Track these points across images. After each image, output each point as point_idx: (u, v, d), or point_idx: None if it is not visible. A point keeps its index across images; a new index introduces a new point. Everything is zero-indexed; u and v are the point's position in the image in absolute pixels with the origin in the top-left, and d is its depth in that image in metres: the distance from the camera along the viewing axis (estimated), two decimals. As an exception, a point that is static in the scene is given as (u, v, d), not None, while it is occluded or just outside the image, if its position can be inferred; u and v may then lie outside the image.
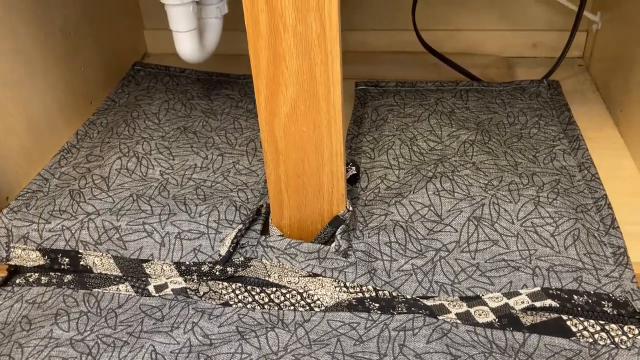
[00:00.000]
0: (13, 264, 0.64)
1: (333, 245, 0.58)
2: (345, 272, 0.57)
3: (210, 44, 0.77)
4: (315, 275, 0.57)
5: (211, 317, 0.56)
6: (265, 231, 0.62)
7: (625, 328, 0.51)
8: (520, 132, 0.74)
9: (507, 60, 0.96)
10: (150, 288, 0.59)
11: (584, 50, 0.95)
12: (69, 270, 0.63)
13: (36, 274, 0.63)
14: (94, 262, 0.62)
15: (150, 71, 0.93)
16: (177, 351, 0.52)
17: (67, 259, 0.63)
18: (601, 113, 0.81)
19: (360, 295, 0.56)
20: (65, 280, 0.61)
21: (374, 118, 0.78)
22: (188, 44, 0.73)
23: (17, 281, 0.63)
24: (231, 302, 0.57)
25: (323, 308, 0.56)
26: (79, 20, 0.83)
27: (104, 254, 0.62)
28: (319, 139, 0.54)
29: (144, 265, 0.61)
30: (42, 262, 0.63)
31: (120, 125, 0.79)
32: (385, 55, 0.99)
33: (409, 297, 0.56)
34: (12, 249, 0.64)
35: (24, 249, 0.64)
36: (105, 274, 0.62)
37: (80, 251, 0.63)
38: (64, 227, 0.64)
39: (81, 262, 0.62)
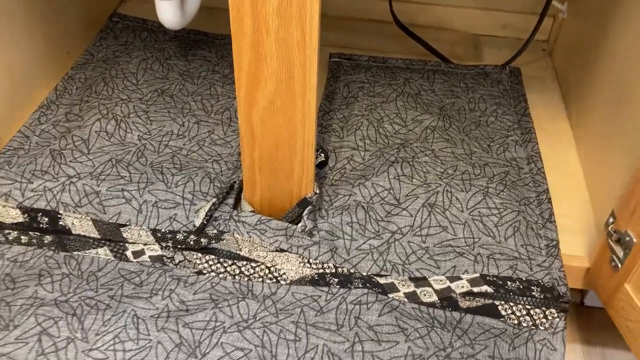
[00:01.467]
0: (-6, 220, 0.68)
1: (300, 225, 0.63)
2: (309, 249, 0.63)
3: (191, 10, 0.78)
4: (282, 250, 0.63)
5: (186, 284, 0.61)
6: (236, 205, 0.67)
7: (547, 312, 0.60)
8: (479, 119, 0.80)
9: (475, 38, 1.00)
10: (128, 253, 0.64)
11: (549, 35, 1.00)
12: (47, 230, 0.67)
13: (15, 232, 0.67)
14: (72, 223, 0.66)
15: (128, 24, 0.93)
16: (156, 316, 0.58)
17: (46, 219, 0.66)
18: (557, 103, 0.87)
19: (321, 270, 0.62)
20: (45, 242, 0.66)
21: (345, 94, 0.82)
22: (170, 12, 0.74)
23: (-1, 237, 0.67)
24: (204, 272, 0.63)
25: (288, 281, 0.62)
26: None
27: (83, 216, 0.66)
28: (293, 130, 0.58)
29: (122, 229, 0.66)
30: (21, 220, 0.67)
31: (98, 84, 0.81)
32: (358, 23, 1.01)
33: (364, 273, 0.62)
34: (-6, 206, 0.67)
35: (4, 206, 0.67)
36: (84, 236, 0.66)
37: (60, 212, 0.67)
38: (46, 189, 0.67)
39: (60, 222, 0.66)
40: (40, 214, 0.66)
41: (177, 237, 0.64)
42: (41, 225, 0.66)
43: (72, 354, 0.55)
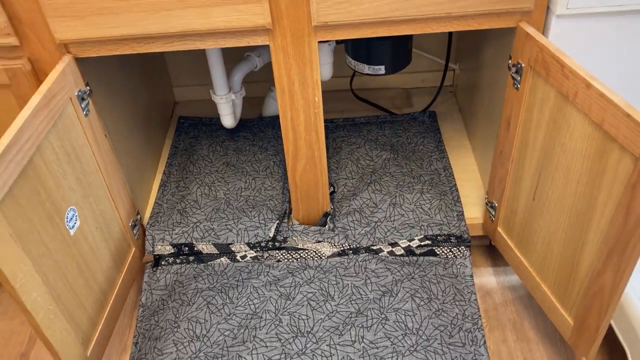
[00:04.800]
0: (157, 254, 1.22)
1: (327, 227, 1.19)
2: (334, 238, 1.18)
3: (238, 114, 1.33)
4: (319, 241, 1.18)
5: (273, 268, 1.17)
6: (289, 222, 1.22)
7: (460, 249, 1.16)
8: (414, 148, 1.36)
9: (407, 91, 1.56)
10: (238, 257, 1.19)
11: (453, 81, 1.57)
12: (188, 253, 1.21)
13: (172, 258, 1.21)
14: (202, 247, 1.21)
15: (191, 122, 1.48)
16: (264, 285, 1.13)
17: (187, 248, 1.21)
18: (461, 128, 1.44)
19: (342, 248, 1.18)
20: (190, 260, 1.20)
21: (334, 146, 1.38)
22: (229, 120, 1.30)
23: (162, 263, 1.21)
24: (281, 260, 1.18)
25: (326, 257, 1.18)
26: (146, 94, 1.36)
27: (207, 243, 1.21)
28: (316, 181, 1.14)
29: (230, 246, 1.20)
30: (172, 251, 1.21)
31: (189, 166, 1.35)
32: (330, 93, 1.57)
33: (365, 245, 1.18)
34: (155, 246, 1.22)
35: (162, 245, 1.21)
36: (211, 253, 1.21)
37: (194, 242, 1.21)
38: (183, 231, 1.22)
39: (195, 248, 1.21)
40: (182, 245, 1.21)
41: (262, 244, 1.19)
42: (185, 252, 1.21)
43: (227, 310, 1.10)
